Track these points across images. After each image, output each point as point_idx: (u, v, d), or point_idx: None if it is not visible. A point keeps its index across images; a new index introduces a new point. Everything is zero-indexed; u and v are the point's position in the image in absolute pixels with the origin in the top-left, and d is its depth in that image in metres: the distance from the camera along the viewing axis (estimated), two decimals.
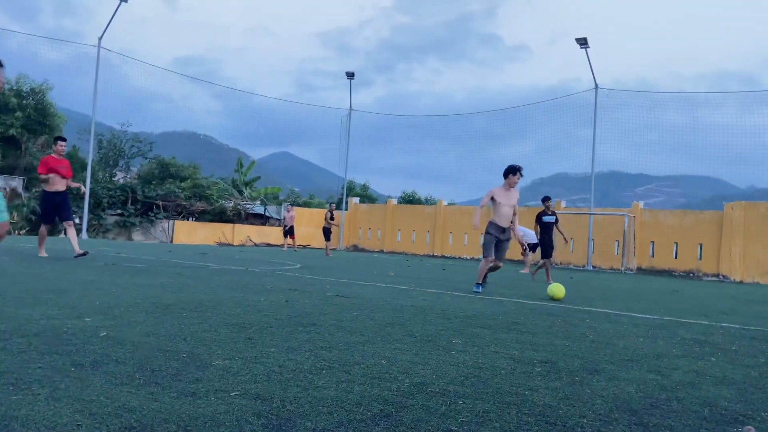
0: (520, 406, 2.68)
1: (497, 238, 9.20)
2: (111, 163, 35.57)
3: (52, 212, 11.24)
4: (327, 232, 21.63)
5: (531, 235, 18.35)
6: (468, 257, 28.41)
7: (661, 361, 4.03)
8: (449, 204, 31.93)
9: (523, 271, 17.25)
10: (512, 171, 9.09)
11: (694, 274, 22.46)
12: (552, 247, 13.52)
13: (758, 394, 3.22)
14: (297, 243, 22.36)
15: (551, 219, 13.62)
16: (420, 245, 30.53)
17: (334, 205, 23.97)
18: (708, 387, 3.31)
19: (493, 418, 2.48)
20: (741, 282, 20.89)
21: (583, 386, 3.14)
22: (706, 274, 22.19)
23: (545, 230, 13.57)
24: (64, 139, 11.42)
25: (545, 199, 13.97)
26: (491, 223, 9.27)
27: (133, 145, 36.34)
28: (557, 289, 8.38)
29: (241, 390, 2.66)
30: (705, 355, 4.38)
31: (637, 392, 3.08)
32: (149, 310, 4.93)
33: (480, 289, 8.86)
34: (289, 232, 24.53)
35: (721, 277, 21.82)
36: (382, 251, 31.28)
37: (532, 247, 18.19)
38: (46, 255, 10.95)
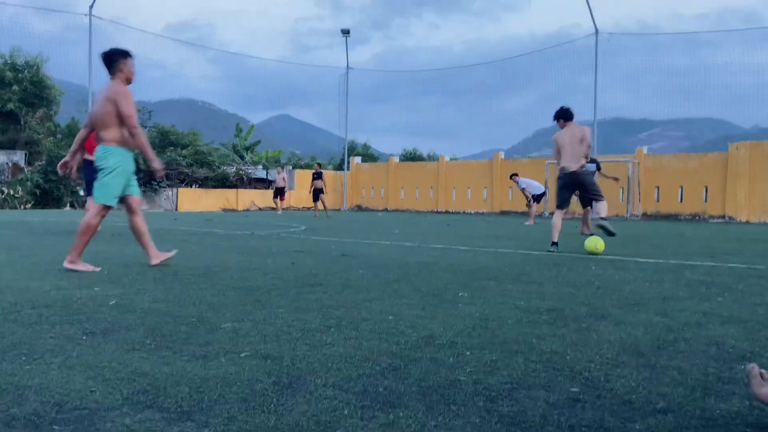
0: (527, 354, 2.70)
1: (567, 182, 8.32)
2: None
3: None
4: (316, 194, 21.83)
5: (535, 186, 18.30)
6: (472, 212, 28.43)
7: (668, 303, 4.05)
8: (451, 159, 31.79)
9: (527, 223, 17.26)
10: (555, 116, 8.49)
11: (699, 216, 22.45)
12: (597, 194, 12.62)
13: (765, 331, 3.24)
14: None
15: (591, 167, 11.94)
16: (423, 202, 30.53)
17: (318, 165, 24.02)
18: (715, 327, 3.33)
19: (500, 366, 2.50)
20: (747, 222, 20.89)
21: (589, 332, 3.17)
22: (712, 216, 22.18)
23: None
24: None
25: None
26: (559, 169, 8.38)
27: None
28: (596, 243, 7.65)
29: (251, 350, 2.69)
30: (711, 295, 4.40)
31: (644, 335, 3.10)
32: (157, 277, 4.96)
33: (554, 249, 8.05)
34: (278, 193, 24.68)
35: (727, 218, 21.80)
36: (386, 210, 31.32)
37: (537, 198, 18.16)
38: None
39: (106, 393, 2.10)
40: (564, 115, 8.46)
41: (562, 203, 8.50)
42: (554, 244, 8.17)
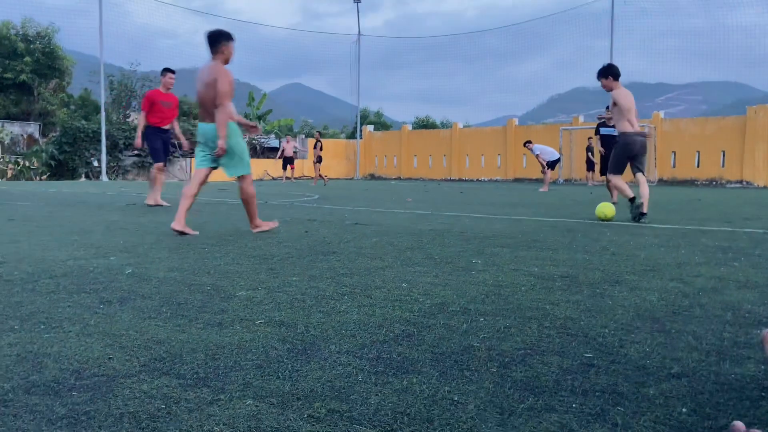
0: (541, 320, 2.70)
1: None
2: (124, 104, 35.45)
3: (163, 147, 9.90)
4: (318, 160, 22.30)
5: (549, 152, 18.13)
6: (486, 179, 28.28)
7: (683, 269, 4.02)
8: (465, 126, 31.54)
9: (541, 190, 17.16)
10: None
11: (716, 182, 22.19)
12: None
13: None
14: (319, 175, 22.65)
15: (612, 131, 11.08)
16: (437, 170, 30.39)
17: (318, 133, 24.08)
18: (731, 292, 3.30)
19: (514, 333, 2.50)
20: (765, 187, 20.62)
21: (604, 298, 3.16)
22: (729, 181, 21.91)
23: (605, 143, 11.71)
24: (173, 72, 9.93)
25: (607, 109, 11.42)
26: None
27: (144, 85, 36.06)
28: (606, 209, 7.58)
29: (266, 318, 2.71)
30: (728, 261, 4.36)
31: (659, 300, 3.09)
32: (171, 246, 5.00)
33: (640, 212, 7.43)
34: (288, 162, 24.80)
35: (744, 183, 21.53)
36: (399, 178, 31.25)
37: (551, 165, 18.02)
38: (166, 204, 9.52)
39: (123, 360, 2.13)
40: (615, 73, 7.83)
41: (620, 169, 7.99)
42: (633, 200, 7.58)
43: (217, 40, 5.82)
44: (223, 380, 1.93)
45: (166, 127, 9.92)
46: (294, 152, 25.24)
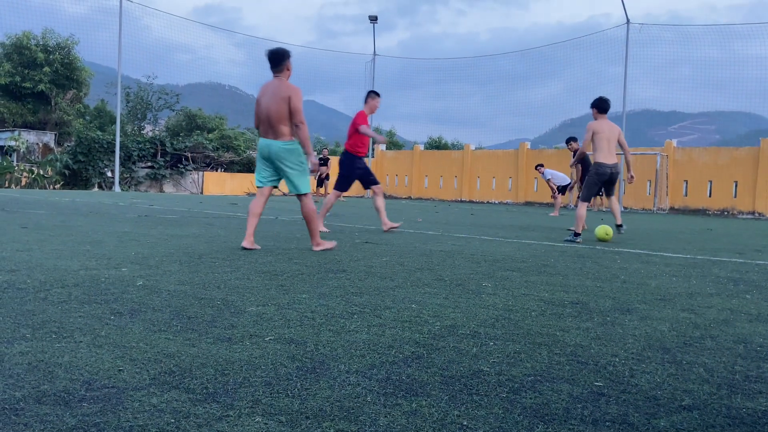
0: (551, 347, 2.69)
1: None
2: (139, 116, 35.83)
3: (355, 177, 8.95)
4: (320, 180, 22.09)
5: (560, 177, 18.12)
6: (496, 201, 28.27)
7: (695, 299, 3.99)
8: (477, 148, 31.60)
9: (552, 215, 17.12)
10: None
11: (728, 212, 22.05)
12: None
13: None
14: (316, 192, 22.66)
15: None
16: (448, 191, 30.42)
17: (326, 150, 24.02)
18: (743, 324, 3.28)
19: (524, 358, 2.49)
20: None
21: (614, 326, 3.14)
22: (741, 212, 21.76)
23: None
24: (378, 95, 9.41)
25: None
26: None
27: (159, 98, 36.47)
28: (603, 231, 8.20)
29: (275, 335, 2.71)
30: (739, 292, 4.33)
31: (670, 331, 3.07)
32: (183, 259, 5.03)
33: (576, 240, 8.13)
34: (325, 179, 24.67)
35: (756, 214, 21.39)
36: (409, 198, 31.28)
37: (561, 189, 17.99)
38: (326, 230, 8.27)
39: (133, 372, 2.13)
40: (602, 106, 8.48)
41: (590, 197, 8.66)
42: (577, 234, 8.28)
43: (283, 57, 5.95)
44: (233, 396, 1.94)
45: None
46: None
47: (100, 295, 3.46)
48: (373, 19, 31.97)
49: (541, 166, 18.40)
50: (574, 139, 13.34)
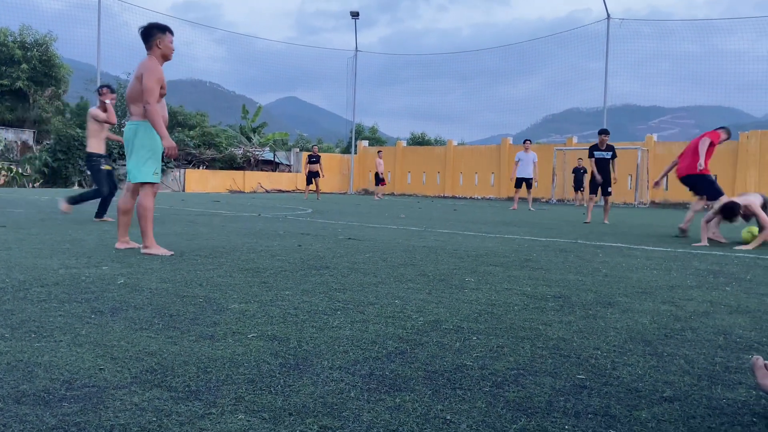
0: (534, 341, 2.70)
1: None
2: (119, 113, 35.43)
3: None
4: (309, 176, 22.13)
5: (522, 170, 17.83)
6: (479, 197, 28.37)
7: (675, 292, 4.04)
8: (459, 144, 31.67)
9: (531, 209, 17.21)
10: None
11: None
12: (609, 184, 12.15)
13: None
14: (306, 189, 22.62)
15: (606, 155, 12.09)
16: (430, 186, 30.47)
17: (316, 148, 23.96)
18: (722, 316, 3.32)
19: (507, 352, 2.51)
20: None
21: (596, 319, 3.16)
22: None
23: (599, 167, 12.09)
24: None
25: (602, 133, 12.28)
26: None
27: None
28: (748, 234, 8.11)
29: (258, 332, 2.70)
30: (719, 285, 4.38)
31: (651, 323, 3.10)
32: (164, 258, 4.98)
33: None
34: (379, 180, 24.80)
35: None
36: (392, 194, 31.29)
37: (518, 183, 17.73)
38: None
39: (114, 371, 2.11)
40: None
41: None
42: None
43: (150, 34, 5.28)
44: (215, 394, 1.92)
45: None
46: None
47: (80, 293, 3.42)
48: (355, 14, 31.89)
49: (529, 141, 18.55)
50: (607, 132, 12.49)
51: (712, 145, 9.23)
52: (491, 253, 5.94)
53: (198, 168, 30.62)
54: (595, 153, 12.24)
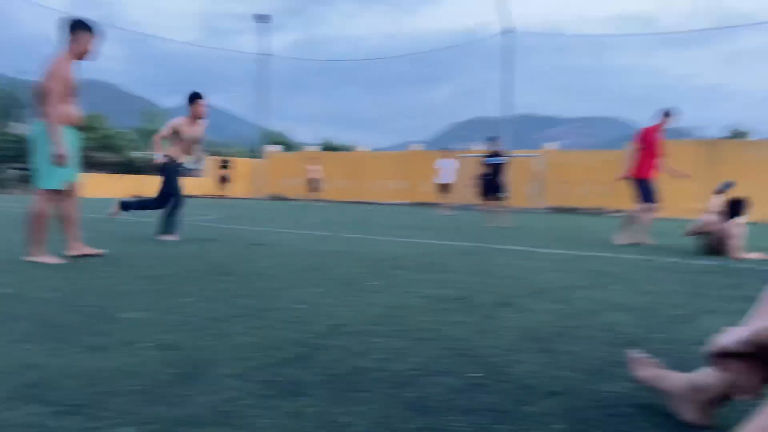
0: (433, 341, 2.75)
1: None
2: (11, 114, 33.24)
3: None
4: (222, 180, 21.83)
5: (444, 174, 18.56)
6: (390, 202, 28.66)
7: (567, 292, 4.24)
8: (370, 149, 31.90)
9: (439, 213, 17.60)
10: None
11: (600, 210, 23.61)
12: (502, 188, 12.76)
13: (652, 318, 3.45)
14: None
15: (499, 160, 12.82)
16: (342, 191, 30.49)
17: (227, 160, 23.62)
18: (608, 314, 3.51)
19: (407, 353, 2.54)
20: None
21: (494, 319, 3.27)
22: (611, 210, 23.38)
23: (492, 171, 12.78)
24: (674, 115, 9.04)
25: (493, 139, 13.14)
26: None
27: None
28: None
29: (152, 341, 2.60)
30: (606, 284, 4.64)
31: (544, 322, 3.24)
32: (57, 265, 4.71)
33: None
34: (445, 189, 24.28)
35: (624, 212, 23.06)
36: (304, 199, 31.06)
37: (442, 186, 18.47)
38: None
39: None
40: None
41: None
42: None
43: (71, 28, 5.04)
44: (101, 407, 1.83)
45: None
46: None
47: None
48: (263, 18, 31.48)
49: (449, 149, 19.17)
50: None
51: (644, 146, 8.96)
52: (397, 257, 6.01)
53: (98, 172, 29.20)
54: (488, 159, 12.88)
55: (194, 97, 7.76)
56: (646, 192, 9.06)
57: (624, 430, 1.79)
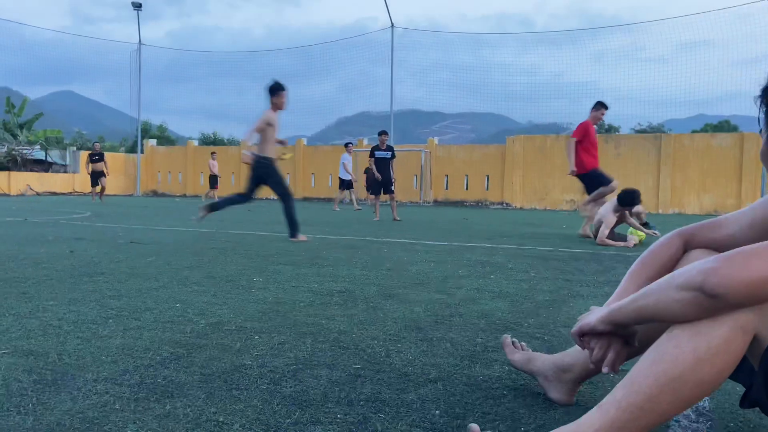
0: (315, 335, 2.74)
1: None
2: None
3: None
4: (94, 177, 20.55)
5: (343, 172, 18.71)
6: (275, 198, 28.31)
7: (448, 282, 4.37)
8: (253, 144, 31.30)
9: (335, 209, 17.60)
10: None
11: (482, 203, 24.58)
12: (391, 183, 12.94)
13: (526, 304, 3.63)
14: (93, 191, 20.72)
15: (386, 155, 12.95)
16: (228, 187, 29.70)
17: (98, 145, 22.38)
18: (486, 301, 3.66)
19: (288, 348, 2.51)
20: (521, 208, 23.31)
21: (377, 311, 3.31)
22: (493, 203, 24.41)
23: (379, 166, 12.91)
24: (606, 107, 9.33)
25: (381, 134, 13.17)
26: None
27: None
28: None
29: (11, 348, 2.40)
30: (486, 273, 4.83)
31: (425, 311, 3.32)
32: None
33: None
34: (213, 182, 23.41)
35: (504, 204, 24.13)
36: (185, 195, 29.97)
37: (343, 183, 18.62)
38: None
39: None
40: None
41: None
42: None
43: None
44: None
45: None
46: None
47: None
48: (137, 6, 29.95)
49: (351, 144, 19.40)
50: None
51: (583, 139, 9.14)
52: (282, 252, 5.94)
53: None
54: (376, 153, 13.03)
55: (277, 89, 7.56)
56: (597, 181, 9.15)
57: (498, 411, 1.87)
